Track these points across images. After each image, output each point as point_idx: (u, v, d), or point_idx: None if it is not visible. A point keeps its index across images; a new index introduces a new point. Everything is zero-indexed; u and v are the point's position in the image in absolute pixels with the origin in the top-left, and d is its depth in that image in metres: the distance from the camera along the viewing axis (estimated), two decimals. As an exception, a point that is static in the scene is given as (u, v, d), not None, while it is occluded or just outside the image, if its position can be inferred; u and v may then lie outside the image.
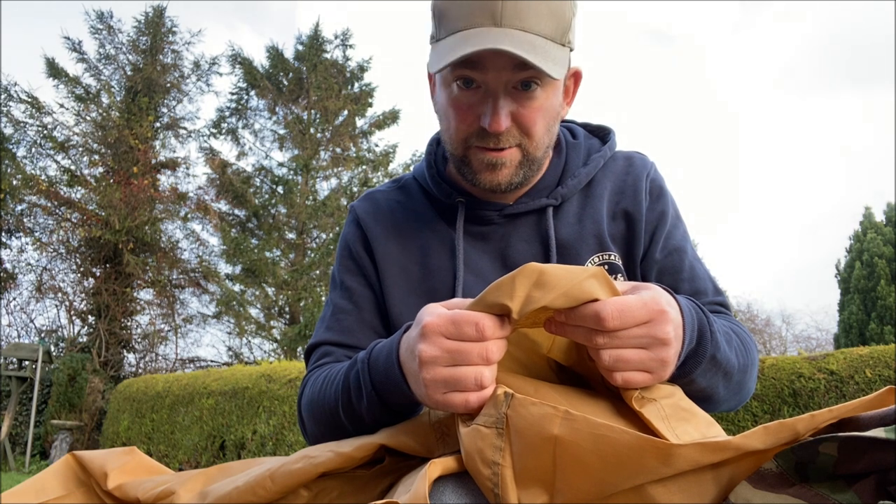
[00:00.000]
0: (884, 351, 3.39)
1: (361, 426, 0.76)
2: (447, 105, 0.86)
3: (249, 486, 0.63)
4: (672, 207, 0.99)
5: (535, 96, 0.82)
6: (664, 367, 0.59)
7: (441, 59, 0.80)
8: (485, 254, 0.94)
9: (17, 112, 10.88)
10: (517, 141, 0.84)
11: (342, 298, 0.97)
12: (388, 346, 0.70)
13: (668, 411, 0.56)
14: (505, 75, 0.80)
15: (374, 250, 0.97)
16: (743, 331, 0.85)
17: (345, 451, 0.63)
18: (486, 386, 0.58)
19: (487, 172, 0.86)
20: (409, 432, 0.65)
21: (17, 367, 8.37)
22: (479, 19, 0.78)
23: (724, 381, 0.74)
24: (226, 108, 12.79)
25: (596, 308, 0.56)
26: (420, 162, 1.05)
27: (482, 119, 0.82)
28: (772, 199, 30.34)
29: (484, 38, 0.77)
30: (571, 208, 0.95)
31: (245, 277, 11.67)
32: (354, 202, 1.05)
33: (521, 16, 0.77)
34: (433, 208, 0.99)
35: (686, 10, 38.31)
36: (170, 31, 12.18)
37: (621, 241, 0.95)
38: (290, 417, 5.28)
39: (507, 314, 0.58)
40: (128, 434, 6.73)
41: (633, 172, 0.98)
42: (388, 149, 13.19)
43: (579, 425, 0.50)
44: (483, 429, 0.55)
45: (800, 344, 13.03)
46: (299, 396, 0.92)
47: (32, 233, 10.88)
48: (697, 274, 0.95)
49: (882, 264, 8.74)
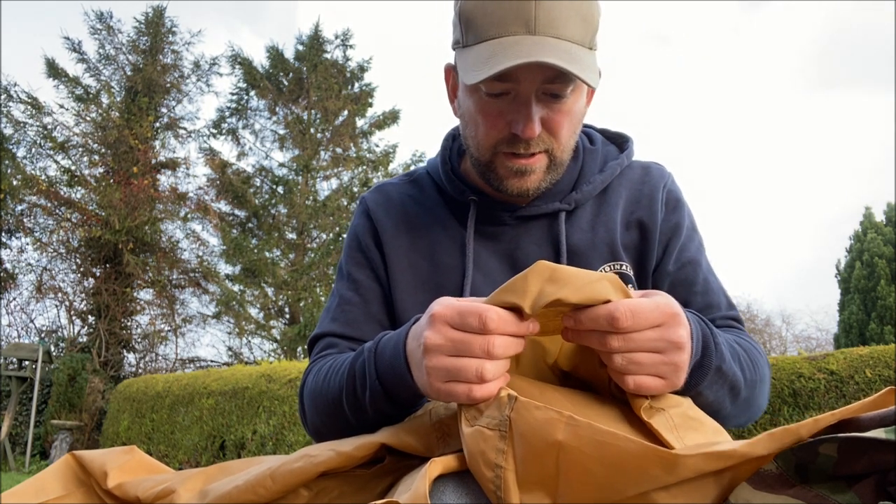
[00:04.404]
0: (884, 351, 3.39)
1: (364, 417, 0.75)
2: (475, 112, 0.84)
3: (250, 485, 0.63)
4: (688, 219, 0.97)
5: (564, 101, 0.81)
6: (677, 372, 0.59)
7: (477, 70, 0.77)
8: (494, 254, 0.93)
9: (17, 112, 10.90)
10: (546, 146, 0.83)
11: (349, 290, 0.97)
12: (396, 337, 0.70)
13: (676, 421, 0.56)
14: (538, 83, 0.78)
15: (384, 243, 0.96)
16: (753, 346, 0.83)
17: (345, 451, 0.63)
18: (488, 380, 0.57)
19: (515, 179, 0.85)
20: (411, 431, 0.65)
21: (17, 367, 8.37)
22: (513, 27, 0.76)
23: (731, 396, 0.73)
24: (226, 109, 12.81)
25: (609, 308, 0.56)
26: (434, 157, 1.04)
27: (513, 125, 0.81)
28: (772, 198, 30.36)
29: (520, 48, 0.75)
30: (585, 215, 0.94)
31: (245, 277, 11.67)
32: (365, 193, 1.04)
33: (555, 23, 0.76)
34: (445, 204, 0.98)
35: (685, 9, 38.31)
36: (170, 31, 12.18)
37: (634, 252, 0.93)
38: (290, 417, 5.28)
39: (519, 311, 0.58)
40: (128, 434, 6.73)
41: (649, 182, 0.96)
42: (388, 149, 13.20)
43: (583, 431, 0.50)
44: (486, 431, 0.55)
45: (800, 344, 13.04)
46: (301, 386, 0.91)
47: (32, 233, 10.88)
48: (711, 287, 0.93)
49: (882, 264, 8.74)
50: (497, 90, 0.80)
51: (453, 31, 0.85)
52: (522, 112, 0.80)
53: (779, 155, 31.97)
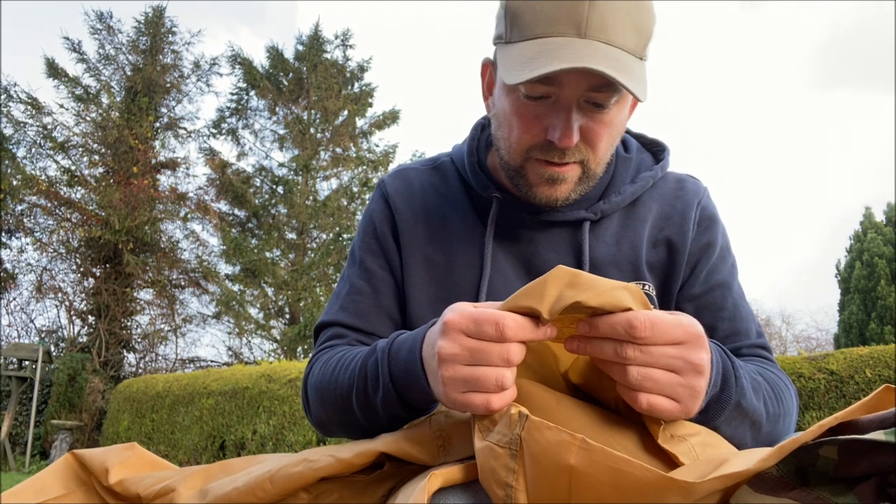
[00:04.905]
0: (884, 351, 3.39)
1: (374, 417, 0.73)
2: (511, 112, 0.80)
3: (249, 488, 0.63)
4: (722, 239, 0.92)
5: (607, 111, 0.77)
6: (693, 397, 0.56)
7: (519, 70, 0.72)
8: (510, 255, 0.90)
9: (17, 112, 10.90)
10: (582, 156, 0.79)
11: (360, 279, 0.93)
12: (412, 340, 0.67)
13: (698, 451, 0.54)
14: (582, 90, 0.74)
15: (401, 233, 0.92)
16: (778, 378, 0.80)
17: (345, 458, 0.63)
18: (507, 388, 0.55)
19: (545, 187, 0.82)
20: (411, 440, 0.64)
21: (17, 367, 8.37)
22: (562, 27, 0.71)
23: (753, 431, 0.69)
24: (226, 109, 12.80)
25: (628, 316, 0.53)
26: (460, 144, 0.99)
27: (550, 132, 0.77)
28: (771, 198, 30.35)
29: (568, 51, 0.70)
30: (611, 227, 0.90)
31: (245, 277, 11.67)
32: (385, 176, 1.00)
33: (607, 28, 0.71)
34: (467, 197, 0.94)
35: (684, 9, 38.31)
36: (169, 31, 12.17)
37: (659, 271, 0.89)
38: (290, 417, 5.28)
39: (537, 317, 0.56)
40: (128, 434, 6.73)
41: (683, 198, 0.92)
42: (388, 149, 13.20)
43: (597, 457, 0.48)
44: (497, 448, 0.53)
45: (800, 344, 13.04)
46: (306, 375, 0.88)
47: (32, 233, 10.88)
48: (741, 314, 0.88)
49: (882, 264, 8.73)
50: (537, 93, 0.75)
51: (497, 24, 0.81)
52: (561, 119, 0.76)
53: (778, 155, 31.99)
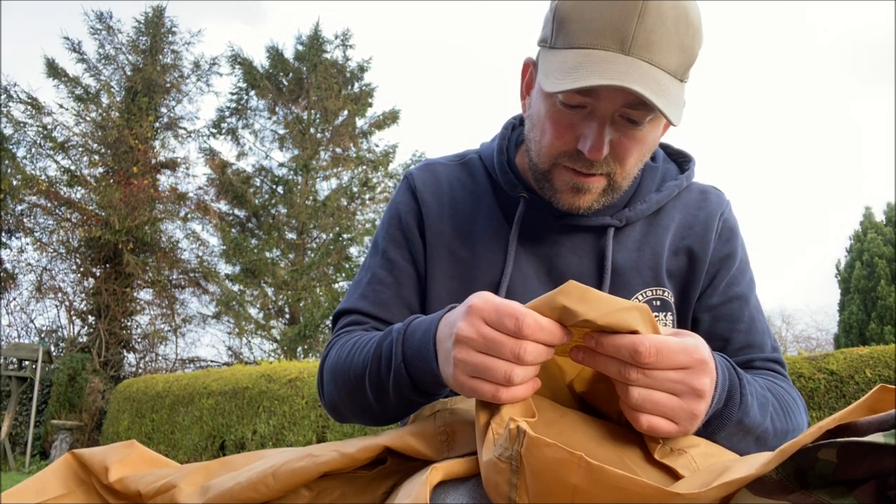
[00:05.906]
0: (884, 351, 3.39)
1: (385, 399, 0.74)
2: (545, 117, 0.81)
3: (251, 483, 0.63)
4: (741, 252, 0.94)
5: (640, 129, 0.78)
6: (692, 420, 0.57)
7: (559, 79, 0.73)
8: (533, 255, 0.91)
9: (17, 112, 10.90)
10: (609, 169, 0.80)
11: (382, 269, 0.94)
12: (428, 322, 0.68)
13: (698, 462, 0.55)
14: (617, 105, 0.75)
15: (426, 227, 0.93)
16: (787, 393, 0.81)
17: (348, 452, 0.63)
18: (516, 384, 0.56)
19: (569, 194, 0.83)
20: (415, 435, 0.64)
21: (17, 367, 8.37)
22: (607, 41, 0.72)
23: (758, 447, 0.70)
24: (226, 108, 12.80)
25: (634, 340, 0.54)
26: (489, 141, 1.00)
27: (581, 142, 0.78)
28: (771, 198, 30.36)
29: (609, 67, 0.71)
30: (633, 234, 0.91)
31: (245, 277, 11.67)
32: (412, 168, 1.01)
33: (652, 46, 0.71)
34: (494, 195, 0.95)
35: (686, 9, 38.07)
36: (169, 31, 12.17)
37: (679, 279, 0.90)
38: (290, 417, 5.28)
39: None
40: (128, 434, 6.73)
41: (706, 209, 0.93)
42: (388, 149, 13.20)
43: (598, 475, 0.47)
44: (499, 462, 0.53)
45: (800, 344, 13.03)
46: (322, 359, 0.89)
47: (32, 233, 10.88)
48: (757, 327, 0.90)
49: (882, 264, 8.73)
50: (574, 102, 0.76)
51: (543, 27, 0.82)
52: (594, 131, 0.76)
53: (778, 155, 32.00)
